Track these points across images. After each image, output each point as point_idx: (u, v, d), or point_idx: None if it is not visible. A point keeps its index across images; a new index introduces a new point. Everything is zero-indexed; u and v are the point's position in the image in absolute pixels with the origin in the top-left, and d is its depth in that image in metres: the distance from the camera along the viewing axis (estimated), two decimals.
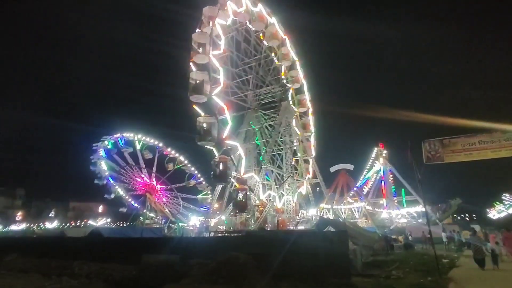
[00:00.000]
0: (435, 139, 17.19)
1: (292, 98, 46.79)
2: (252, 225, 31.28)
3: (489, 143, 15.91)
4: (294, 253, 16.73)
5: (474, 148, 16.11)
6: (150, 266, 18.97)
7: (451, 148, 16.63)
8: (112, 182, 49.54)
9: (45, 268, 21.57)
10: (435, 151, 16.93)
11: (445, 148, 16.79)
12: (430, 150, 17.04)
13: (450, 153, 16.61)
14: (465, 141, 16.40)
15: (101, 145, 45.38)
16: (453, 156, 16.56)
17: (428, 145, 17.13)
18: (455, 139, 16.67)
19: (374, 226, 51.83)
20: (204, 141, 26.51)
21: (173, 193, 48.51)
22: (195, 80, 26.60)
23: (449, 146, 16.67)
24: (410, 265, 20.81)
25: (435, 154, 16.89)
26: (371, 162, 71.90)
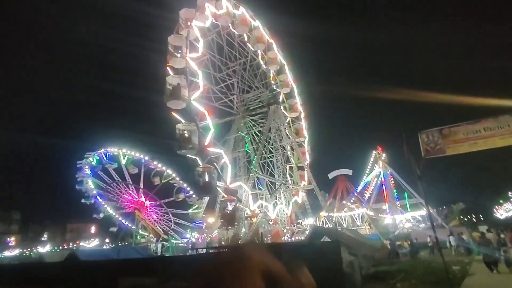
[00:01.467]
0: (433, 129, 15.02)
1: (283, 103, 45.06)
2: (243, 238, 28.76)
3: (497, 129, 13.72)
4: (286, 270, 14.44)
5: (479, 136, 13.90)
6: None
7: (453, 138, 14.43)
8: (100, 201, 47.16)
9: None
10: (435, 142, 14.72)
11: (446, 138, 14.58)
12: (429, 142, 14.84)
13: (451, 143, 14.39)
14: (468, 129, 14.21)
15: (85, 162, 43.22)
16: (455, 147, 14.33)
17: (426, 137, 14.94)
18: (456, 128, 14.48)
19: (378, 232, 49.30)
20: (184, 150, 24.42)
21: (163, 209, 46.03)
22: (171, 84, 24.72)
23: (450, 136, 14.47)
24: (417, 276, 18.42)
25: (434, 147, 14.67)
26: (371, 166, 69.80)
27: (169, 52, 25.93)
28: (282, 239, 30.38)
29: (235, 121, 37.02)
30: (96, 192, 46.48)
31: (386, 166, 67.99)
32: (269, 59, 42.09)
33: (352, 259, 17.44)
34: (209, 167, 25.54)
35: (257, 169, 39.83)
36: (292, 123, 46.13)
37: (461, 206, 51.57)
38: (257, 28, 39.59)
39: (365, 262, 20.38)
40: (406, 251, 31.95)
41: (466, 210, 54.77)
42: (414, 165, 15.23)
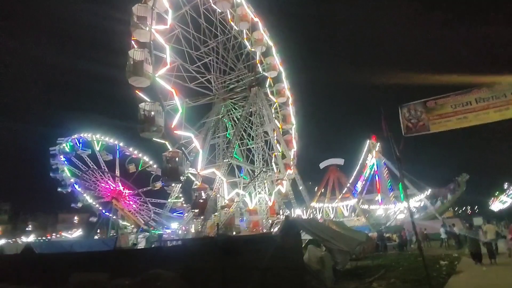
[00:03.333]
0: (415, 102, 12.60)
1: (270, 87, 42.55)
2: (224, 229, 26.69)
3: (491, 99, 11.30)
4: (237, 266, 12.26)
5: (470, 109, 11.46)
6: None
7: (438, 112, 12.01)
8: (78, 190, 44.84)
9: None
10: (417, 118, 12.30)
11: (430, 112, 12.16)
12: (410, 117, 12.43)
13: (436, 119, 11.97)
14: (456, 100, 11.77)
15: (58, 149, 40.75)
16: (442, 122, 11.91)
17: (407, 111, 12.52)
18: (443, 99, 12.02)
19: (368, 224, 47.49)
20: (148, 132, 22.05)
21: (142, 198, 43.85)
22: (134, 59, 22.20)
23: (435, 110, 12.05)
24: (398, 272, 16.43)
25: (417, 123, 12.26)
26: (364, 155, 67.73)
27: (133, 23, 23.30)
28: (261, 230, 28.30)
29: (215, 104, 34.53)
30: (73, 180, 44.13)
31: (380, 156, 65.84)
32: (254, 40, 39.35)
33: (322, 255, 15.30)
34: (177, 152, 23.25)
35: (239, 156, 37.62)
36: (279, 108, 43.79)
37: (466, 176, 49.04)
38: (240, 6, 36.72)
39: (341, 257, 18.27)
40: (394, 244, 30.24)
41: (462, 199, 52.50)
42: (392, 144, 12.86)
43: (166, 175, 23.81)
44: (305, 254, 15.98)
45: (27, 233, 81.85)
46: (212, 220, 27.57)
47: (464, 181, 48.94)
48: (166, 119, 23.10)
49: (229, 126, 37.34)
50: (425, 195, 55.14)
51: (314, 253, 15.56)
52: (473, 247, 15.94)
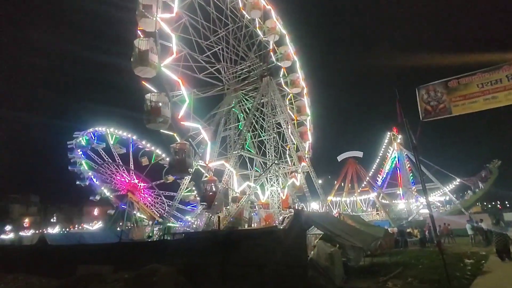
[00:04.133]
0: (435, 82, 11.20)
1: (284, 77, 41.29)
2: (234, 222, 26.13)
3: None
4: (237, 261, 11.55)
5: (500, 88, 9.97)
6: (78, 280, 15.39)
7: (462, 93, 10.59)
8: (96, 183, 45.80)
9: None
10: (437, 100, 10.92)
11: (452, 93, 10.76)
12: (429, 99, 11.07)
13: (460, 100, 10.57)
14: (484, 78, 10.31)
15: (75, 143, 41.56)
16: (466, 104, 10.49)
17: (426, 93, 11.16)
18: (468, 78, 10.57)
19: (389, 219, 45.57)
20: (154, 123, 21.63)
21: (155, 191, 44.11)
22: (139, 49, 21.74)
23: (458, 90, 10.63)
24: (417, 271, 15.15)
25: (436, 105, 10.89)
26: (384, 148, 65.15)
27: (139, 12, 22.78)
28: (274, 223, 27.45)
29: (226, 95, 33.74)
30: (91, 173, 45.04)
31: (401, 148, 63.03)
32: (267, 29, 38.11)
33: (332, 251, 14.25)
34: (185, 144, 22.73)
35: (251, 148, 36.85)
36: (293, 99, 42.52)
37: (498, 162, 45.78)
38: None
39: (354, 253, 17.18)
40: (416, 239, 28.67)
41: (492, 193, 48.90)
42: (408, 131, 11.58)
43: (173, 167, 23.42)
44: (314, 250, 15.11)
45: (53, 224, 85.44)
46: (223, 213, 27.01)
47: (496, 167, 45.73)
48: (173, 110, 22.57)
49: (241, 118, 36.54)
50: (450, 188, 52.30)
51: (323, 249, 14.59)
52: (499, 244, 14.86)
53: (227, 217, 24.24)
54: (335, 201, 54.99)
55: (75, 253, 19.45)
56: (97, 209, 73.29)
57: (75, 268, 16.28)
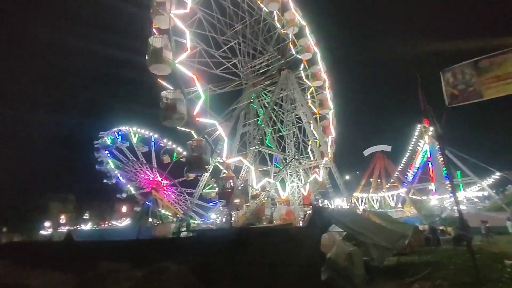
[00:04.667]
0: (463, 63, 10.02)
1: (305, 70, 40.21)
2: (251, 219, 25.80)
3: None
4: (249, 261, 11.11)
5: None
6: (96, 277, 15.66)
7: (495, 73, 9.37)
8: (122, 181, 47.36)
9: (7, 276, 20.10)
10: (465, 83, 9.76)
11: (483, 75, 9.56)
12: (456, 83, 9.93)
13: (492, 81, 9.36)
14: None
15: (102, 143, 43.13)
16: (500, 86, 9.29)
17: (452, 76, 10.03)
18: (502, 56, 9.36)
19: (420, 215, 43.33)
20: (170, 120, 21.64)
21: (178, 188, 44.79)
22: (153, 46, 21.80)
23: (491, 71, 9.42)
24: (448, 272, 13.91)
25: (465, 89, 9.73)
26: (415, 141, 61.95)
27: (153, 9, 22.86)
28: (296, 221, 26.80)
29: (245, 90, 33.32)
30: (117, 172, 46.58)
31: (433, 141, 59.62)
32: (286, 21, 37.19)
33: (351, 250, 13.43)
34: (201, 140, 22.60)
35: (271, 143, 36.27)
36: (315, 93, 41.31)
37: None
38: None
39: (377, 252, 16.13)
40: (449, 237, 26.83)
41: None
42: (432, 118, 10.52)
43: (190, 165, 23.40)
44: (333, 249, 14.38)
45: (86, 221, 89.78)
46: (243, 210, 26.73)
47: None
48: (189, 107, 22.47)
49: (260, 113, 35.99)
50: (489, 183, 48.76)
51: (342, 248, 13.80)
52: None
53: (246, 214, 23.89)
54: (362, 198, 53.07)
55: (97, 250, 20.00)
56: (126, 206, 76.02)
57: (97, 264, 16.75)
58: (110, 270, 15.57)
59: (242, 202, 25.70)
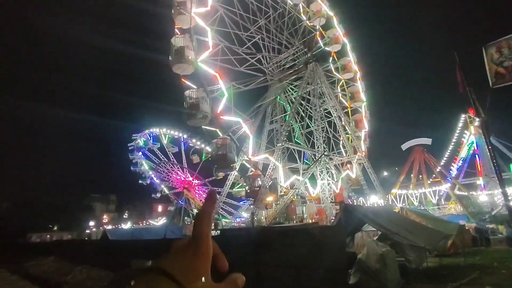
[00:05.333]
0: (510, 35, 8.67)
1: (334, 63, 38.73)
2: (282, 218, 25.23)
3: None
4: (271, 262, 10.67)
5: None
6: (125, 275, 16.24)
7: None
8: (156, 181, 49.00)
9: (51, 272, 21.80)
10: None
11: None
12: (502, 59, 8.62)
13: None
14: None
15: (135, 144, 44.88)
16: None
17: (497, 51, 8.73)
18: None
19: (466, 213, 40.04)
20: (194, 120, 21.65)
21: (208, 188, 45.27)
22: (176, 46, 21.94)
23: None
24: (498, 278, 12.54)
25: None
26: (459, 133, 57.50)
27: (174, 9, 23.02)
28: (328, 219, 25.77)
29: (271, 86, 32.71)
30: (151, 173, 48.25)
31: (480, 132, 54.87)
32: (312, 13, 36.04)
33: (383, 251, 12.42)
34: (226, 139, 22.39)
35: (300, 140, 35.35)
36: (346, 85, 39.66)
37: None
38: None
39: (414, 253, 14.86)
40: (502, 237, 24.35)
41: None
42: (474, 101, 9.29)
43: (216, 163, 23.32)
44: (363, 250, 13.43)
45: (125, 220, 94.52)
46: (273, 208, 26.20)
47: None
48: (213, 105, 22.37)
49: (287, 109, 35.16)
50: None
51: (373, 249, 12.81)
52: None
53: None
54: (401, 195, 50.14)
55: (129, 248, 20.78)
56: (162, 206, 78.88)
57: (129, 261, 17.36)
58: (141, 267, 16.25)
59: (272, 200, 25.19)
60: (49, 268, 25.47)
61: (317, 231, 9.98)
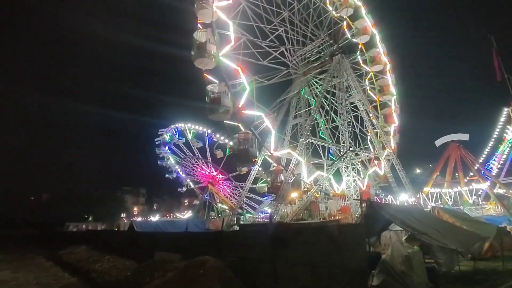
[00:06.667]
0: None
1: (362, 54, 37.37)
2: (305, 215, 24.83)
3: None
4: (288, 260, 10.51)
5: None
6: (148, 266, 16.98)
7: None
8: (182, 175, 50.18)
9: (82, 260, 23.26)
10: None
11: None
12: None
13: None
14: None
15: (162, 139, 46.11)
16: None
17: None
18: None
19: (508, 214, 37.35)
20: (216, 114, 21.68)
21: (233, 183, 45.66)
22: (198, 41, 22.02)
23: None
24: None
25: None
26: (500, 128, 53.56)
27: (197, 4, 23.05)
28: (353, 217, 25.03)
29: (294, 80, 32.11)
30: (178, 167, 49.47)
31: None
32: (339, 3, 34.87)
33: (409, 253, 11.74)
34: (247, 133, 22.27)
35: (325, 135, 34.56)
36: (374, 78, 38.18)
37: None
38: None
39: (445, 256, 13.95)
40: None
41: None
42: None
43: (238, 158, 23.29)
44: (387, 251, 12.80)
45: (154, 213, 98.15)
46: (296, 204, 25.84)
47: None
48: (234, 100, 22.29)
49: (312, 103, 34.41)
50: None
51: (398, 250, 12.10)
52: None
53: (297, 209, 22.97)
54: (433, 193, 47.64)
55: (152, 240, 21.44)
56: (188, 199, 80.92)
57: (153, 252, 17.97)
58: (164, 259, 16.67)
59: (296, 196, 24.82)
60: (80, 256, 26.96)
61: (336, 228, 9.56)
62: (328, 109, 33.32)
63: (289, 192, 22.93)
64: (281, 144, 29.67)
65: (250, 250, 11.97)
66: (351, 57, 35.14)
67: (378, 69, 37.41)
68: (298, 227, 12.50)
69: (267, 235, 11.50)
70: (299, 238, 10.24)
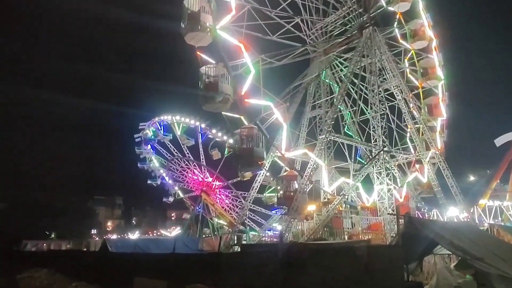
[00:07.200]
0: None
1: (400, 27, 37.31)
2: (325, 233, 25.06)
3: None
4: None
5: None
6: None
7: None
8: (169, 182, 50.47)
9: None
10: None
11: None
12: None
13: None
14: None
15: (143, 136, 46.32)
16: None
17: None
18: None
19: None
20: (212, 104, 21.75)
21: (233, 191, 45.78)
22: (190, 10, 22.09)
23: None
24: None
25: None
26: None
27: None
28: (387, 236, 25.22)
29: (313, 60, 32.25)
30: (162, 171, 49.75)
31: None
32: None
33: (460, 283, 12.01)
34: (252, 128, 22.34)
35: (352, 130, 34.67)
36: (416, 58, 38.20)
37: None
38: None
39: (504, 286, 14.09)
40: None
41: None
42: None
43: (240, 159, 23.39)
44: (432, 280, 12.94)
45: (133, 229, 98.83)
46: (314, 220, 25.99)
47: None
48: (236, 85, 22.43)
49: (335, 90, 34.60)
50: None
51: (446, 280, 12.35)
52: None
53: (315, 225, 23.13)
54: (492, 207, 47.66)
55: (131, 263, 21.80)
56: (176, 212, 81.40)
57: (131, 278, 18.30)
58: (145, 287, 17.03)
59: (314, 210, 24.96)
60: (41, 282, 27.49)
61: (365, 250, 9.64)
62: (356, 97, 33.25)
63: (305, 204, 23.07)
64: (295, 142, 29.77)
65: (255, 277, 12.24)
66: (386, 31, 35.07)
67: (421, 46, 37.57)
68: (317, 248, 12.71)
69: (276, 258, 11.69)
70: (317, 261, 10.41)
